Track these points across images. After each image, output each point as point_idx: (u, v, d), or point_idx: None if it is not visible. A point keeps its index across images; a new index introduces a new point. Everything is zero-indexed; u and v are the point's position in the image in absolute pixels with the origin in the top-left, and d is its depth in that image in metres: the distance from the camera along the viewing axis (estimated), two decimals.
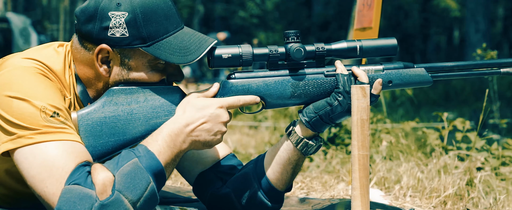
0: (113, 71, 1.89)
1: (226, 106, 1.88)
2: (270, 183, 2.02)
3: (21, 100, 1.73)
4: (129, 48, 1.86)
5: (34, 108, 1.73)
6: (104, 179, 1.70)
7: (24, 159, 1.71)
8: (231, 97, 1.91)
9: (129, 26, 1.84)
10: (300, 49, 1.92)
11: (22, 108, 1.73)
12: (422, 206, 2.66)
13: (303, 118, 1.95)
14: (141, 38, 1.85)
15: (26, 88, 1.75)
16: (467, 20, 13.61)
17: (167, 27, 1.88)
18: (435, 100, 11.20)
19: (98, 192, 1.68)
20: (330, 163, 3.97)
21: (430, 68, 2.02)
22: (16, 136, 1.72)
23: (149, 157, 1.77)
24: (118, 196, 1.69)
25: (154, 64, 1.90)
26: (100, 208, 1.67)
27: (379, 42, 1.99)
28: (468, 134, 3.71)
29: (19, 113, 1.72)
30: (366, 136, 1.86)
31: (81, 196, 1.67)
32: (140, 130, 1.88)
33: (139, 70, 1.89)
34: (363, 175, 1.85)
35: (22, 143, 1.71)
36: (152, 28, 1.85)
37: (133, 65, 1.88)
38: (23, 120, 1.72)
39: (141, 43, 1.86)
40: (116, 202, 1.69)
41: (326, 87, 1.96)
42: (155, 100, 1.90)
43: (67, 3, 21.57)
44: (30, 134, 1.71)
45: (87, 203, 1.67)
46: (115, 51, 1.87)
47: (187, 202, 2.36)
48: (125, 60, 1.88)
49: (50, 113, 1.74)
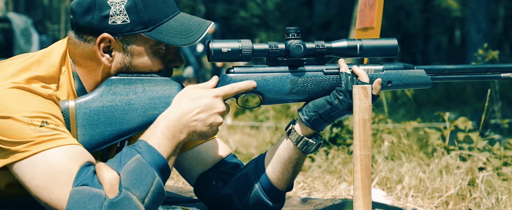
0: (115, 60, 1.89)
1: (221, 95, 1.88)
2: (271, 182, 2.02)
3: (5, 118, 1.71)
4: (131, 34, 1.87)
5: (20, 123, 1.71)
6: (111, 178, 1.70)
7: (24, 172, 1.70)
8: (226, 86, 1.90)
9: (129, 12, 1.84)
10: (299, 45, 1.92)
11: (9, 126, 1.71)
12: (424, 206, 2.65)
13: (302, 117, 1.95)
14: (143, 23, 1.86)
15: (7, 106, 1.72)
16: (468, 20, 13.61)
17: (166, 11, 1.89)
18: (436, 100, 11.21)
19: (106, 191, 1.68)
20: (331, 163, 3.96)
21: (430, 70, 2.02)
22: (10, 151, 1.71)
23: (151, 152, 1.77)
24: (126, 193, 1.69)
25: (156, 50, 1.90)
26: (110, 206, 1.67)
27: (379, 42, 1.99)
28: (469, 134, 3.70)
29: (7, 131, 1.70)
30: (368, 136, 1.86)
31: (90, 196, 1.67)
32: (137, 120, 1.88)
33: (141, 57, 1.90)
34: (365, 175, 1.85)
35: (18, 157, 1.70)
36: (152, 12, 1.86)
37: (135, 51, 1.89)
38: (13, 136, 1.70)
39: (142, 29, 1.86)
40: (125, 199, 1.69)
41: (325, 85, 1.96)
42: (153, 91, 1.90)
43: (68, 3, 21.57)
44: (24, 147, 1.70)
45: (96, 202, 1.67)
46: (117, 39, 1.87)
47: (189, 202, 2.36)
48: (127, 48, 1.88)
49: (38, 124, 1.72)
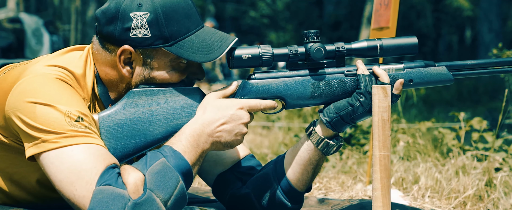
0: (135, 72, 1.89)
1: (247, 108, 1.88)
2: (290, 183, 2.02)
3: (45, 105, 1.72)
4: (152, 48, 1.86)
5: (58, 113, 1.71)
6: (136, 179, 1.70)
7: (51, 163, 1.70)
8: (253, 101, 1.90)
9: (151, 26, 1.84)
10: (320, 49, 1.91)
11: (46, 113, 1.71)
12: (442, 207, 2.64)
13: (323, 118, 1.94)
14: (163, 38, 1.85)
15: (49, 94, 1.74)
16: (480, 19, 13.54)
17: (189, 26, 1.88)
18: (447, 100, 11.15)
19: (130, 192, 1.68)
20: (346, 163, 3.96)
21: (451, 67, 2.01)
22: (41, 140, 1.71)
23: (176, 157, 1.77)
24: (150, 194, 1.69)
25: (176, 64, 1.89)
26: (133, 207, 1.66)
27: (399, 40, 1.97)
28: (484, 134, 3.68)
29: (43, 118, 1.71)
30: (387, 136, 1.85)
31: (113, 196, 1.66)
32: (161, 131, 1.87)
33: (161, 70, 1.89)
34: (384, 176, 1.84)
35: (48, 147, 1.70)
36: (174, 27, 1.85)
37: (156, 65, 1.88)
38: (48, 125, 1.70)
39: (163, 43, 1.85)
40: (149, 200, 1.68)
41: (346, 87, 1.95)
42: (175, 101, 1.89)
43: (79, 4, 21.64)
44: (55, 138, 1.70)
45: (120, 202, 1.66)
46: (137, 52, 1.86)
47: (206, 203, 2.36)
48: (148, 61, 1.88)
49: (74, 118, 1.72)
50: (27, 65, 1.86)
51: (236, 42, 1.90)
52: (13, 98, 1.75)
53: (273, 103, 1.92)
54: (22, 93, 1.74)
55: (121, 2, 1.84)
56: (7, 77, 1.84)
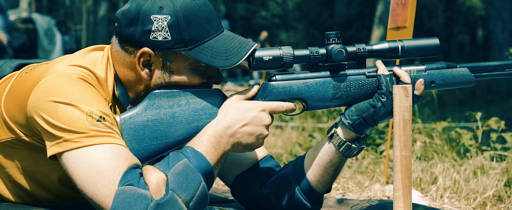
0: (154, 75, 1.89)
1: (269, 110, 1.88)
2: (310, 184, 2.01)
3: (67, 105, 1.72)
4: (171, 51, 1.86)
5: (80, 112, 1.72)
6: (158, 179, 1.70)
7: (73, 163, 1.70)
8: (275, 103, 1.90)
9: (171, 30, 1.83)
10: (341, 50, 1.90)
11: (69, 112, 1.72)
12: (462, 207, 2.62)
13: (345, 121, 1.93)
14: (183, 41, 1.84)
15: (71, 94, 1.74)
16: (493, 19, 13.45)
17: (209, 30, 1.87)
18: (460, 99, 11.09)
19: (152, 192, 1.67)
20: (361, 163, 3.94)
21: (473, 68, 1.99)
22: (63, 139, 1.71)
23: (198, 157, 1.77)
24: (172, 195, 1.69)
25: (195, 67, 1.89)
26: (155, 207, 1.66)
27: (421, 42, 1.96)
28: (502, 134, 3.66)
29: (65, 117, 1.71)
30: (408, 137, 1.83)
31: (136, 196, 1.66)
32: (182, 133, 1.87)
33: (180, 74, 1.89)
34: (405, 176, 1.83)
35: (70, 147, 1.70)
36: (194, 31, 1.85)
37: (175, 68, 1.88)
38: (70, 124, 1.71)
39: (183, 47, 1.85)
40: (171, 201, 1.68)
41: (367, 89, 1.94)
42: (196, 103, 1.89)
43: (90, 3, 21.71)
44: (77, 137, 1.70)
45: (142, 203, 1.65)
46: (157, 54, 1.86)
47: (225, 203, 2.36)
48: (167, 64, 1.87)
49: (96, 117, 1.73)
50: (49, 65, 1.86)
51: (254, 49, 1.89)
52: (36, 97, 1.75)
53: (292, 106, 1.92)
54: (44, 92, 1.75)
55: (142, 4, 1.84)
56: (29, 77, 1.85)
